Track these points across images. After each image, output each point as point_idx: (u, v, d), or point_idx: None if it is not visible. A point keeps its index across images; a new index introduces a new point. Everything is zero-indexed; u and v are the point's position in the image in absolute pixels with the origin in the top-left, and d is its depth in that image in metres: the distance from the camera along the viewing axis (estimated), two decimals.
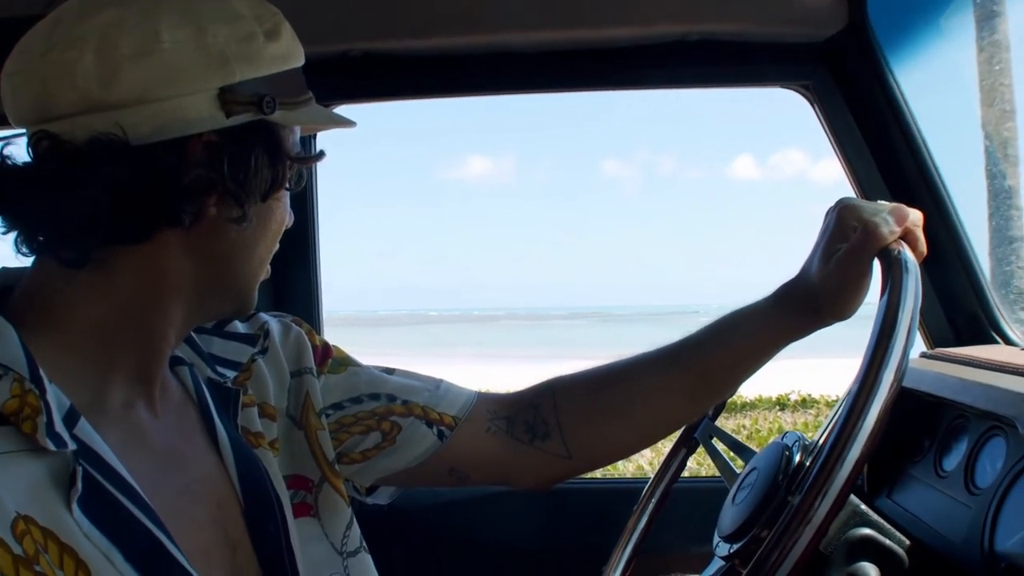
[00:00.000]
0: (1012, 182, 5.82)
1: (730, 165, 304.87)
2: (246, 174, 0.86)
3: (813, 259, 1.08)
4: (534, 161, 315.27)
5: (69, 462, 0.79)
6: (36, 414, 0.77)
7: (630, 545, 1.37)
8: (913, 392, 1.41)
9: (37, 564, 0.73)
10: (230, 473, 0.98)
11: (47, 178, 0.81)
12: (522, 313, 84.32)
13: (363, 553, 1.12)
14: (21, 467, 0.77)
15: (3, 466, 0.75)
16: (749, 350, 1.13)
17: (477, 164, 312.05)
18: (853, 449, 0.82)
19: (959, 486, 1.23)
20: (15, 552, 0.72)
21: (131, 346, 0.89)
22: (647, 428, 1.19)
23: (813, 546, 0.84)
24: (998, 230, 5.37)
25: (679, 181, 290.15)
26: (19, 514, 0.74)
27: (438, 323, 61.64)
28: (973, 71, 2.24)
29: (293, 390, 1.12)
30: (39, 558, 0.74)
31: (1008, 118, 5.75)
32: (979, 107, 5.26)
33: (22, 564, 0.73)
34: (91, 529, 0.78)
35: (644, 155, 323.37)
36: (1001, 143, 5.84)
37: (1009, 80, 5.66)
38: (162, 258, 0.87)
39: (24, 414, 0.77)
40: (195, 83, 0.82)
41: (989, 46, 5.17)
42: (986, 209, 5.20)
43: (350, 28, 1.64)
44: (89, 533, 0.78)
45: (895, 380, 0.84)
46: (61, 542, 0.76)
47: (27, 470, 0.77)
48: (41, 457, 0.78)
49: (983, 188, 3.79)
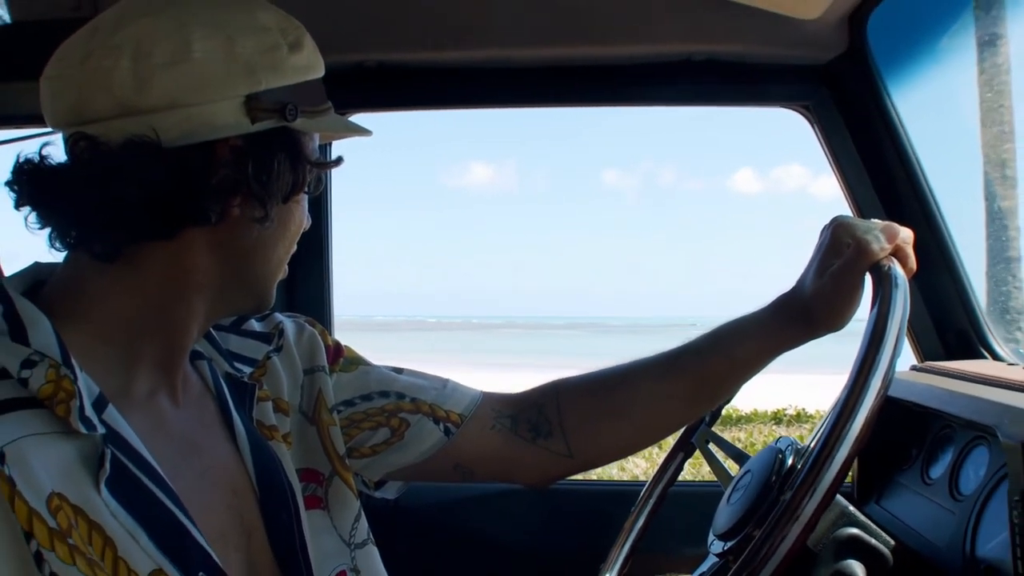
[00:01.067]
0: (1009, 203, 5.83)
1: (731, 177, 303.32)
2: (269, 177, 0.89)
3: (808, 273, 1.11)
4: (535, 169, 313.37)
5: (98, 445, 0.82)
6: (70, 398, 0.80)
7: (627, 544, 1.38)
8: (902, 403, 1.45)
9: (70, 537, 0.76)
10: (246, 463, 1.01)
11: (84, 176, 0.84)
12: (520, 322, 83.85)
13: (370, 545, 1.14)
14: (54, 448, 0.80)
15: (38, 446, 0.78)
16: (746, 358, 1.15)
17: (479, 171, 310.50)
18: (841, 450, 0.85)
19: (944, 493, 1.28)
20: (50, 525, 0.76)
21: (156, 338, 0.92)
22: (646, 430, 1.21)
23: (801, 541, 0.86)
24: (994, 250, 5.38)
25: (679, 192, 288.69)
26: (53, 491, 0.77)
27: (436, 330, 61.15)
28: (973, 93, 2.26)
29: (306, 387, 1.14)
30: (72, 532, 0.77)
31: (1007, 139, 5.76)
32: (978, 128, 5.25)
33: (56, 537, 0.76)
34: (118, 509, 0.81)
35: (645, 165, 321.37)
36: (999, 164, 5.87)
37: (1008, 102, 5.69)
38: (188, 255, 0.90)
39: (58, 398, 0.80)
40: (223, 90, 0.85)
41: (989, 68, 5.20)
42: (983, 229, 5.17)
43: (365, 40, 1.67)
44: (116, 512, 0.81)
45: (882, 387, 0.88)
46: (90, 520, 0.79)
47: (59, 451, 0.80)
48: (72, 439, 0.81)
49: (980, 208, 3.76)
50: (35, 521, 0.76)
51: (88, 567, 0.77)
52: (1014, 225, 6.21)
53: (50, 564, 0.76)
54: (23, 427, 0.79)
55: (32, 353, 0.82)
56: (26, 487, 0.76)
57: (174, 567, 0.83)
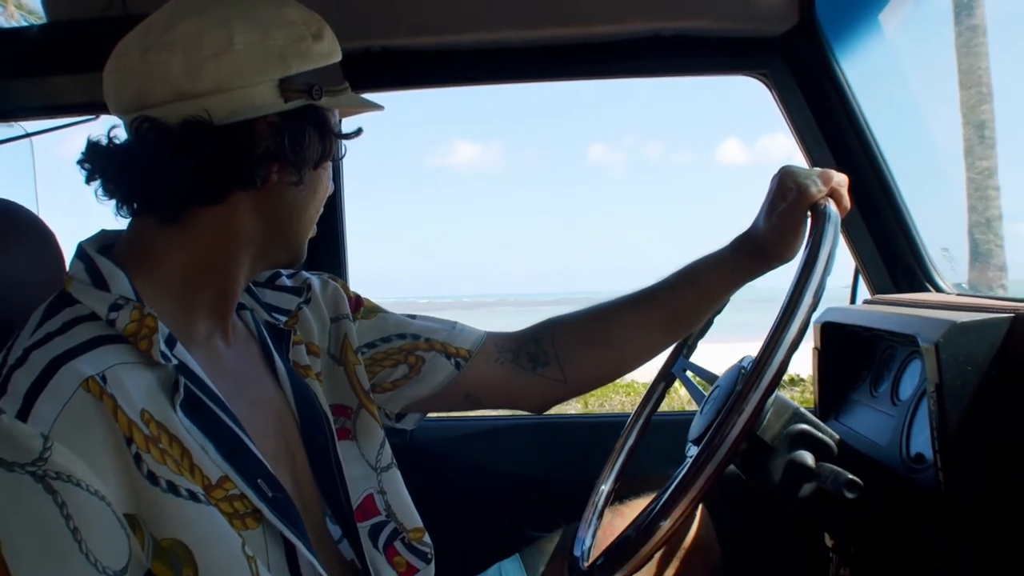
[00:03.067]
0: (988, 163, 6.01)
1: (718, 149, 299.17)
2: (301, 147, 0.98)
3: (761, 215, 1.21)
4: (521, 147, 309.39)
5: (171, 374, 0.91)
6: (152, 334, 0.90)
7: (616, 466, 1.49)
8: (856, 330, 1.56)
9: (160, 443, 0.86)
10: (287, 396, 1.12)
11: (148, 152, 0.93)
12: (512, 299, 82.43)
13: (394, 468, 1.26)
14: (139, 375, 0.89)
15: (129, 372, 0.87)
16: (712, 290, 1.26)
17: (465, 150, 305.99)
18: (781, 351, 0.95)
19: (887, 402, 1.40)
20: (145, 433, 0.85)
21: (211, 287, 1.01)
22: (629, 356, 1.31)
23: (749, 426, 0.96)
24: (975, 210, 5.58)
25: (667, 165, 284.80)
26: (143, 408, 0.86)
27: (428, 311, 60.02)
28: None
29: (333, 333, 1.24)
30: (159, 440, 0.86)
31: (984, 100, 5.93)
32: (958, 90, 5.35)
33: (150, 442, 0.85)
34: (191, 427, 0.90)
35: (631, 140, 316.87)
36: (978, 125, 6.04)
37: (986, 64, 5.84)
38: (235, 216, 0.99)
39: (141, 334, 0.90)
40: (260, 75, 0.94)
41: (966, 31, 5.33)
42: (964, 190, 5.28)
43: (371, 27, 1.74)
44: (190, 430, 0.90)
45: (814, 299, 0.97)
46: (170, 433, 0.88)
47: (143, 377, 0.89)
48: (152, 369, 0.90)
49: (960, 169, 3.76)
50: (133, 429, 0.84)
51: (175, 466, 0.86)
52: (994, 185, 6.36)
53: (147, 463, 0.84)
54: (115, 357, 0.88)
55: (118, 298, 0.91)
56: (124, 403, 0.85)
57: (237, 475, 0.92)
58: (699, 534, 1.49)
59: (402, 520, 1.23)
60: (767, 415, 1.17)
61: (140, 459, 0.84)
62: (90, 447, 0.82)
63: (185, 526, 0.86)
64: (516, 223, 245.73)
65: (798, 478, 1.14)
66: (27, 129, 1.89)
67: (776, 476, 1.16)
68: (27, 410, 0.80)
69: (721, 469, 0.96)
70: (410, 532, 1.24)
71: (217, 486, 0.90)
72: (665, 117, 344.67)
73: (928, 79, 1.67)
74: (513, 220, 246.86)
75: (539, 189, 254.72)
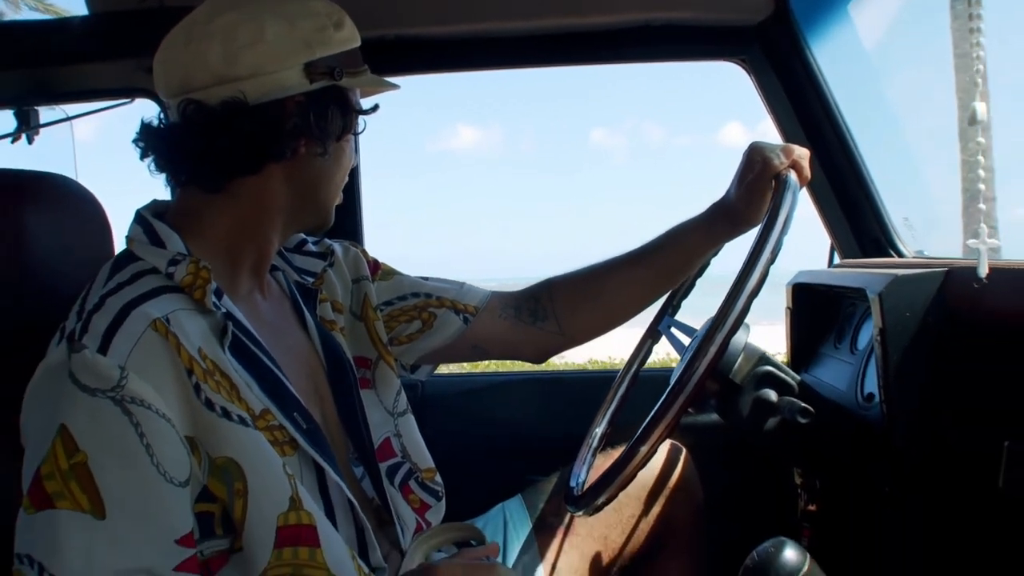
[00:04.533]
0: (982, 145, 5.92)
1: (719, 132, 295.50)
2: (325, 122, 1.05)
3: (733, 184, 1.30)
4: (521, 131, 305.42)
5: (220, 320, 0.99)
6: (205, 284, 0.98)
7: (607, 416, 1.58)
8: (821, 289, 1.67)
9: (214, 376, 0.94)
10: (316, 346, 1.20)
11: (194, 131, 1.01)
12: (511, 283, 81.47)
13: (409, 414, 1.34)
14: (194, 319, 0.97)
15: (187, 317, 0.96)
16: (691, 251, 1.36)
17: (467, 135, 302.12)
18: (742, 297, 1.04)
19: (847, 352, 1.52)
20: (202, 366, 0.93)
21: (250, 248, 1.09)
22: (619, 310, 1.40)
23: (716, 361, 1.05)
24: (968, 192, 5.65)
25: (669, 148, 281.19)
26: (199, 346, 0.94)
27: None
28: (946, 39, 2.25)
29: (354, 293, 1.33)
30: (214, 373, 0.95)
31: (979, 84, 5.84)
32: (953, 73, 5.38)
33: (207, 374, 0.93)
34: (237, 366, 0.98)
35: (631, 123, 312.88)
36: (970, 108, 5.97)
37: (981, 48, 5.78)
38: (269, 184, 1.06)
39: (196, 285, 0.98)
40: (289, 60, 1.02)
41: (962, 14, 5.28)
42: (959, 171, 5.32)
43: (386, 17, 1.81)
44: (236, 368, 0.97)
45: (772, 253, 1.07)
46: (221, 370, 0.96)
47: (198, 322, 0.97)
48: (204, 316, 0.98)
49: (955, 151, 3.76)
50: (193, 363, 0.92)
51: (228, 395, 0.94)
52: (987, 166, 6.38)
53: (204, 392, 0.92)
54: (176, 304, 0.96)
55: (176, 254, 0.99)
56: (185, 341, 0.93)
57: (277, 408, 1.00)
58: (683, 475, 1.55)
59: (416, 461, 1.31)
60: (738, 360, 1.29)
61: (199, 388, 0.92)
62: (158, 377, 0.90)
63: (236, 446, 0.94)
64: (516, 208, 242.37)
65: (763, 412, 1.27)
66: (68, 112, 1.97)
67: (745, 411, 1.29)
68: (106, 346, 0.89)
69: (690, 400, 1.06)
70: (423, 472, 1.31)
71: (260, 417, 0.97)
72: (667, 102, 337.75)
73: (915, 63, 1.72)
74: (513, 205, 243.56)
75: (539, 174, 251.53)
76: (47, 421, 0.88)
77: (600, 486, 1.14)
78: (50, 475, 0.86)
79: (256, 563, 0.95)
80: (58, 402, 0.88)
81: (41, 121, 1.96)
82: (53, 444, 0.87)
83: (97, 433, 0.87)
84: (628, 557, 1.49)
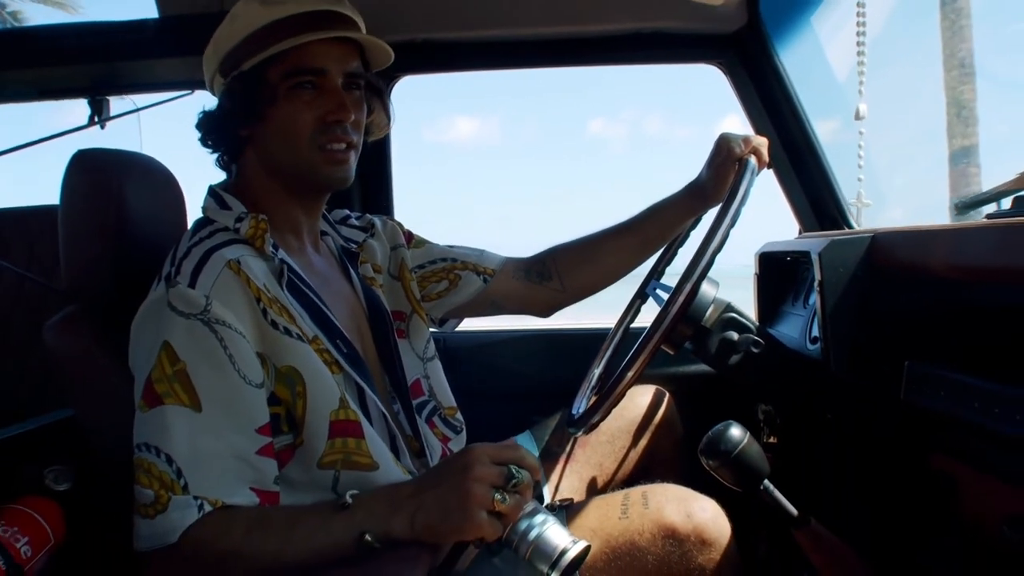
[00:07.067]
0: (969, 142, 6.30)
1: (719, 123, 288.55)
2: (249, 103, 1.19)
3: (704, 168, 1.44)
4: (520, 121, 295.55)
5: (277, 265, 1.14)
6: (264, 234, 1.14)
7: (599, 368, 1.70)
8: (781, 256, 1.85)
9: (276, 304, 1.09)
10: (359, 296, 1.34)
11: (215, 115, 1.23)
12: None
13: (436, 360, 1.48)
14: (258, 263, 1.12)
15: (253, 260, 1.11)
16: (669, 222, 1.53)
17: (464, 125, 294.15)
18: (707, 255, 1.18)
19: (801, 306, 1.71)
20: (267, 295, 1.09)
21: (285, 213, 1.25)
22: (611, 271, 1.56)
23: (686, 306, 1.19)
24: (957, 189, 5.89)
25: (668, 139, 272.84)
26: (263, 282, 1.09)
27: None
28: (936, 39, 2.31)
29: (392, 258, 1.51)
30: (276, 302, 1.10)
31: (966, 80, 6.23)
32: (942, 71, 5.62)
33: (271, 302, 1.09)
34: (292, 301, 1.12)
35: (631, 114, 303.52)
36: (957, 104, 6.34)
37: (969, 45, 6.11)
38: (252, 161, 1.23)
39: (257, 235, 1.14)
40: (211, 64, 1.24)
41: (951, 13, 5.56)
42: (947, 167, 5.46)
43: (415, 23, 1.95)
44: (292, 303, 1.12)
45: (732, 220, 1.20)
46: (280, 303, 1.11)
47: (260, 266, 1.12)
48: (264, 261, 1.14)
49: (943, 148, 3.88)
50: (260, 293, 1.07)
51: (288, 320, 1.09)
52: (974, 163, 6.58)
53: (270, 314, 1.07)
54: (243, 251, 1.12)
55: (240, 213, 1.17)
56: (253, 277, 1.08)
57: (324, 336, 1.14)
58: (666, 415, 1.71)
59: (441, 400, 1.44)
60: (708, 309, 1.47)
61: (266, 312, 1.07)
62: (234, 303, 1.05)
63: (296, 357, 1.08)
64: (516, 197, 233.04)
65: (727, 349, 1.45)
66: (136, 103, 2.13)
67: (713, 350, 1.48)
68: (194, 281, 1.05)
69: (665, 336, 1.21)
70: (446, 409, 1.44)
71: (311, 341, 1.11)
72: (668, 98, 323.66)
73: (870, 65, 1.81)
74: (512, 193, 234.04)
75: (538, 163, 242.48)
76: (153, 340, 1.03)
77: (595, 408, 1.31)
78: (159, 379, 1.01)
79: (315, 452, 1.10)
80: (160, 324, 1.03)
81: (111, 111, 2.12)
82: (159, 356, 1.01)
83: (192, 346, 1.02)
84: (619, 481, 1.65)
